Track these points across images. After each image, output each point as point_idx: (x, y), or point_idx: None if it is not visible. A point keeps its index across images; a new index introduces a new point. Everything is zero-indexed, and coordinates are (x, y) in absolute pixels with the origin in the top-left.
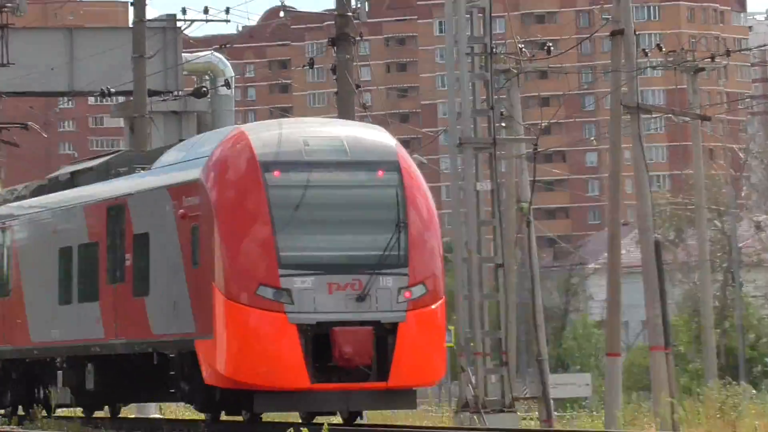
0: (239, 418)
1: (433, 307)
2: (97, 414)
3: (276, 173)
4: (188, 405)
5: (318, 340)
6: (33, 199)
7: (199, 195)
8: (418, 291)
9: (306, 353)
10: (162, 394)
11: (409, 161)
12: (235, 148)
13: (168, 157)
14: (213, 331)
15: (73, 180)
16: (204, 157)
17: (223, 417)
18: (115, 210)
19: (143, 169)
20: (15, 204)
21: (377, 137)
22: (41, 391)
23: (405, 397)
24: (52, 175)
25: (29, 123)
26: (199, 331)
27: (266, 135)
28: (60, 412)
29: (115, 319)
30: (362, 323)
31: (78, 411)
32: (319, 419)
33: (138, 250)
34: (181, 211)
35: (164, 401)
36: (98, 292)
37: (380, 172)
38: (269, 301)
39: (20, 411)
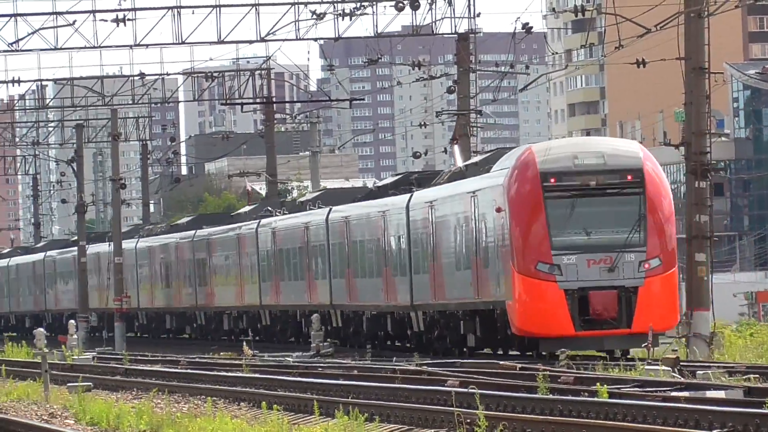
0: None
1: (666, 274)
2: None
3: (552, 180)
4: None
5: (580, 301)
6: (444, 185)
7: (503, 196)
8: (654, 263)
9: (572, 310)
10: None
11: (653, 167)
12: (523, 163)
13: (498, 163)
14: (512, 295)
15: (466, 172)
16: (506, 169)
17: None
18: (474, 199)
19: (488, 170)
20: (435, 188)
21: (629, 149)
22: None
23: (647, 339)
24: (461, 164)
25: None
26: (507, 295)
27: (547, 152)
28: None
29: (476, 285)
30: (612, 287)
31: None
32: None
33: (483, 232)
34: (496, 207)
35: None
36: (471, 262)
37: (629, 177)
38: (545, 273)
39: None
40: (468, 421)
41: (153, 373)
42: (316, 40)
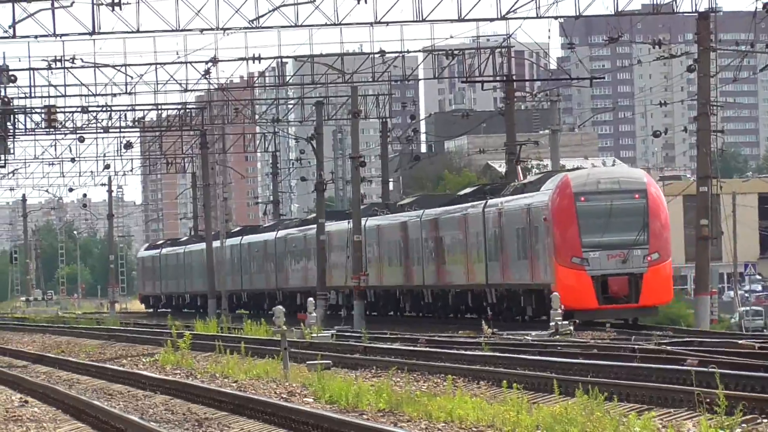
0: None
1: (662, 264)
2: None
3: (582, 199)
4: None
5: (603, 284)
6: (509, 197)
7: (548, 210)
8: (654, 256)
9: (596, 290)
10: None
11: (655, 189)
12: (562, 185)
13: (546, 184)
14: (554, 280)
15: (524, 188)
16: (550, 190)
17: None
18: (527, 212)
19: (539, 188)
20: (502, 198)
21: (637, 175)
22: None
23: (650, 311)
24: (518, 183)
25: None
26: (551, 279)
27: (579, 178)
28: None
29: (531, 271)
30: (625, 274)
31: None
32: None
33: (535, 234)
34: (544, 217)
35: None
36: (527, 256)
37: (636, 196)
38: (577, 265)
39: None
40: (707, 400)
41: (392, 351)
42: (556, 18)
